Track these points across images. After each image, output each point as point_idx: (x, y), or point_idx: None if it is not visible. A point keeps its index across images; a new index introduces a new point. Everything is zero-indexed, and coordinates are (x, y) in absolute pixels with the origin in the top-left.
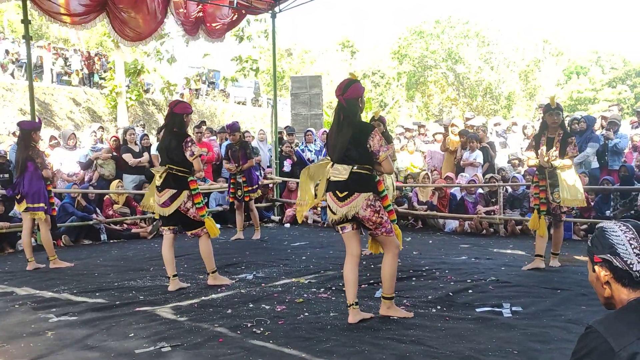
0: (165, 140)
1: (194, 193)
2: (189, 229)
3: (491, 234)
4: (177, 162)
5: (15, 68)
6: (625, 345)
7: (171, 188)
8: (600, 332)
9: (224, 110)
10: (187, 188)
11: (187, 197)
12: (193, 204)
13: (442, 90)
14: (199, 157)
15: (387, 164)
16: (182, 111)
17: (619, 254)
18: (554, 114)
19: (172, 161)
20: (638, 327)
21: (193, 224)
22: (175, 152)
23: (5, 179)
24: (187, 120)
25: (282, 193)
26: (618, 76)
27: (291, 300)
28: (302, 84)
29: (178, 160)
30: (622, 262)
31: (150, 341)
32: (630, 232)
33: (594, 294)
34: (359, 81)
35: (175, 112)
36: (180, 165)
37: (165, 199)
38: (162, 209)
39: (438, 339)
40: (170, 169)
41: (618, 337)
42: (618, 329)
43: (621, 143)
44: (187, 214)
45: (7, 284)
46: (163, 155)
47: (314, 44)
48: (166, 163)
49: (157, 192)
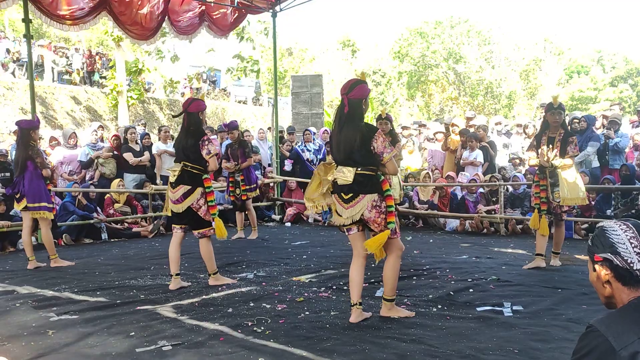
0: (182, 138)
1: (207, 191)
2: (197, 227)
3: (492, 233)
4: (193, 160)
5: (16, 67)
6: (626, 344)
7: (185, 184)
8: (601, 331)
9: (224, 109)
10: (201, 185)
11: (201, 194)
12: (206, 201)
13: (443, 89)
14: (215, 156)
15: (392, 165)
16: (196, 109)
17: (619, 253)
18: (556, 113)
19: (187, 158)
20: (639, 326)
21: (202, 223)
22: (191, 150)
23: (6, 178)
24: (202, 118)
25: (283, 192)
26: (619, 75)
27: (292, 299)
28: (303, 83)
29: (194, 157)
30: (622, 261)
31: (151, 340)
32: (631, 231)
33: (594, 293)
34: (365, 82)
35: (190, 112)
36: (195, 162)
37: (179, 195)
38: (175, 206)
39: (439, 337)
40: (185, 165)
41: (619, 336)
42: (619, 328)
43: (622, 142)
44: (198, 212)
45: (8, 282)
46: (179, 152)
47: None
48: (181, 160)
49: (170, 189)
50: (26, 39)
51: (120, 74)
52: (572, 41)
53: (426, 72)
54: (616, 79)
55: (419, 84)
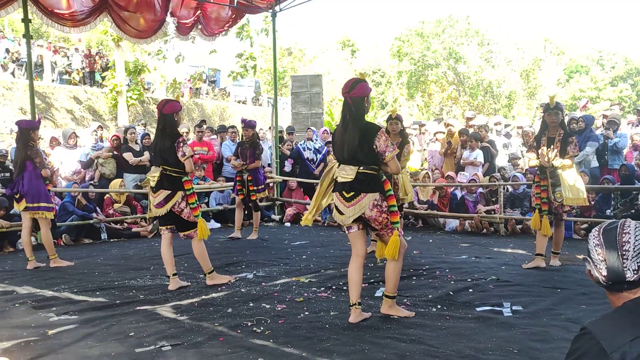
0: (158, 141)
1: (188, 193)
2: (182, 230)
3: (491, 233)
4: (171, 163)
5: (15, 67)
6: (618, 347)
7: (165, 189)
8: (593, 333)
9: (224, 109)
10: (181, 189)
11: (182, 197)
12: (187, 204)
13: (443, 89)
14: (190, 158)
15: (394, 164)
16: (171, 110)
17: (591, 259)
18: (553, 113)
19: (166, 162)
20: (631, 328)
21: (186, 225)
22: (168, 153)
23: (5, 178)
24: (177, 119)
25: (283, 192)
26: (619, 75)
27: (291, 300)
28: (302, 83)
29: (172, 161)
30: (593, 267)
31: (151, 340)
32: (597, 239)
33: (594, 293)
34: (365, 81)
35: (165, 113)
36: (174, 166)
37: (160, 199)
38: (157, 210)
39: (438, 338)
40: (165, 169)
41: (611, 338)
42: (611, 331)
43: (621, 142)
44: (181, 215)
45: (7, 282)
46: (157, 156)
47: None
48: (160, 164)
49: (151, 193)
50: (26, 39)
51: (119, 74)
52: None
53: (426, 72)
54: (616, 78)
55: (419, 84)
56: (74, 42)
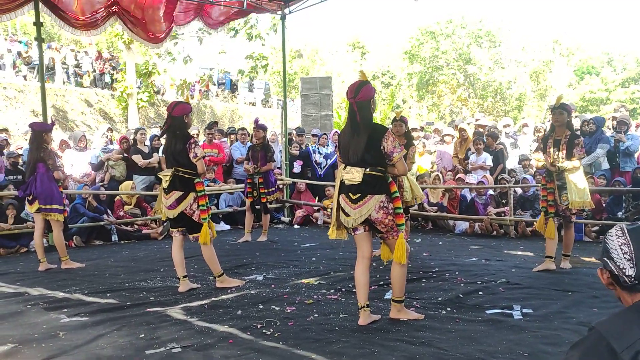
0: (170, 143)
1: (199, 195)
2: (192, 232)
3: (501, 235)
4: (184, 165)
5: (27, 70)
6: (628, 345)
7: (178, 190)
8: (602, 333)
9: (233, 110)
10: (193, 190)
11: (194, 199)
12: (198, 206)
13: (453, 90)
14: (202, 159)
15: (401, 165)
16: (181, 113)
17: (612, 259)
18: (557, 112)
19: (178, 163)
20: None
21: (197, 227)
22: (181, 155)
23: (18, 180)
24: (188, 121)
25: (292, 194)
26: (631, 76)
27: (301, 302)
28: (312, 85)
29: (184, 162)
30: (616, 267)
31: (161, 342)
32: (623, 237)
33: (605, 296)
34: (369, 82)
35: (175, 115)
36: (186, 167)
37: (172, 201)
38: (169, 211)
39: (448, 340)
40: (177, 171)
41: (620, 338)
42: (620, 330)
43: (633, 145)
44: (192, 217)
45: (19, 284)
46: (169, 158)
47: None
48: (173, 165)
49: (164, 195)
50: (37, 42)
51: (130, 76)
52: (582, 42)
53: (436, 74)
54: (627, 80)
55: (429, 86)
56: (84, 44)
